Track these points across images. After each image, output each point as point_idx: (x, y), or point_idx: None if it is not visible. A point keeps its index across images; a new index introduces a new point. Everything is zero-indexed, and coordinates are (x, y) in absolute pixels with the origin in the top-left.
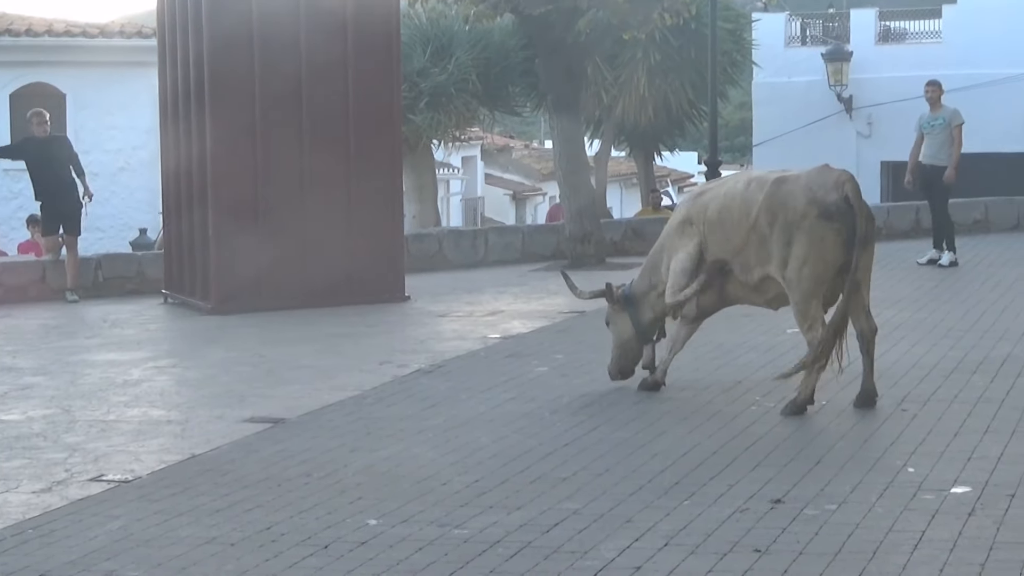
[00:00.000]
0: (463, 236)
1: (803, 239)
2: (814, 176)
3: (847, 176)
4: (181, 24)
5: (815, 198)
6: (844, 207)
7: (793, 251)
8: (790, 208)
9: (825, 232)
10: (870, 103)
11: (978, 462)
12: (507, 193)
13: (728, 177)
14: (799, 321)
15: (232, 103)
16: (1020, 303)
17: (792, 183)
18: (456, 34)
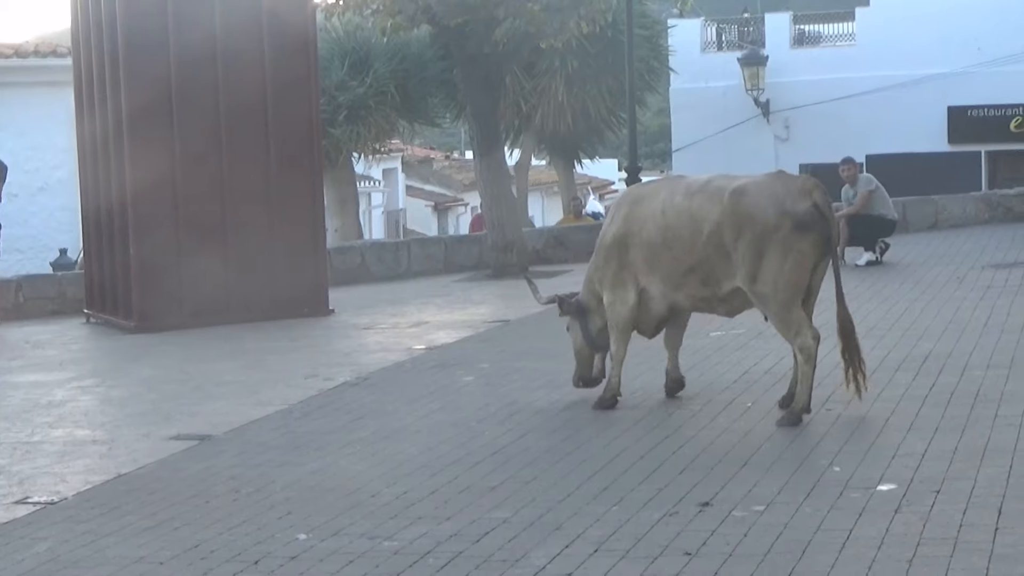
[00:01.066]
0: (386, 248)
1: (778, 251)
2: (776, 184)
3: (813, 182)
4: (96, 42)
5: (786, 209)
6: (817, 216)
7: (766, 264)
8: (758, 221)
9: (801, 243)
10: (787, 106)
11: (903, 459)
12: (429, 204)
13: (665, 183)
14: (783, 331)
15: (150, 120)
16: (940, 301)
17: (754, 194)
18: (374, 46)
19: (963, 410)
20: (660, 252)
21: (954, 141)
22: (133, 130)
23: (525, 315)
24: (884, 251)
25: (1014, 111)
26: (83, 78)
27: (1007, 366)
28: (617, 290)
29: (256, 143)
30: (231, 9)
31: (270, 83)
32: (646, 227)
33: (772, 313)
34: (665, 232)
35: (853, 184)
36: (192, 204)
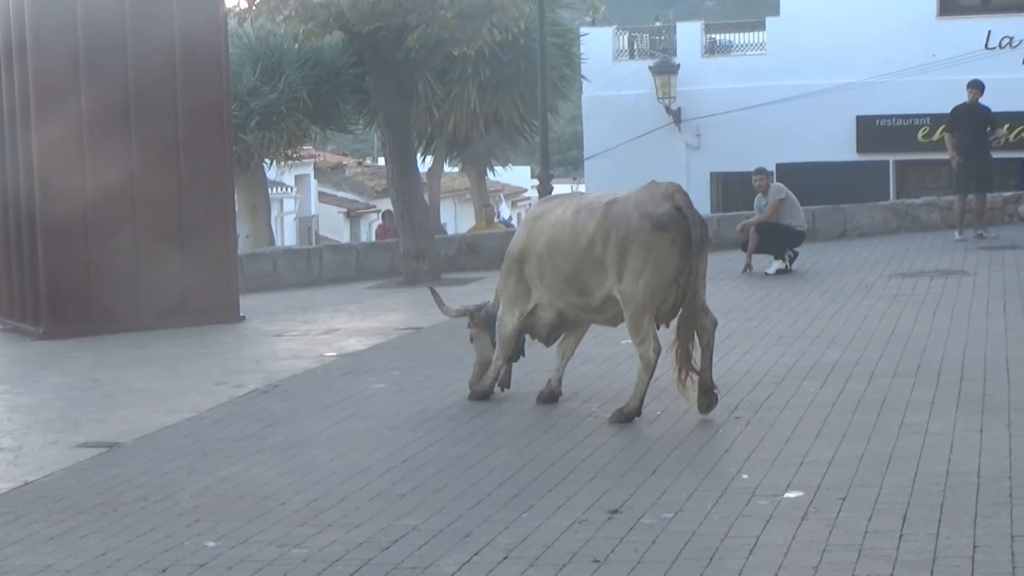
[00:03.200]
0: (297, 255)
1: (638, 252)
2: (643, 193)
3: (675, 187)
4: (4, 44)
5: (647, 212)
6: (676, 215)
7: (628, 264)
8: (622, 225)
9: (660, 242)
10: (698, 115)
11: (810, 467)
12: (341, 211)
13: (567, 200)
14: (632, 334)
15: (59, 124)
16: (848, 310)
17: (623, 203)
18: (286, 52)
19: (870, 418)
20: (546, 262)
21: (863, 150)
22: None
23: (437, 322)
24: (793, 259)
25: (921, 121)
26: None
27: (913, 374)
28: (510, 304)
29: (166, 148)
30: (141, 12)
31: (180, 88)
32: (540, 240)
33: (629, 315)
34: (550, 244)
35: (765, 193)
36: (101, 210)
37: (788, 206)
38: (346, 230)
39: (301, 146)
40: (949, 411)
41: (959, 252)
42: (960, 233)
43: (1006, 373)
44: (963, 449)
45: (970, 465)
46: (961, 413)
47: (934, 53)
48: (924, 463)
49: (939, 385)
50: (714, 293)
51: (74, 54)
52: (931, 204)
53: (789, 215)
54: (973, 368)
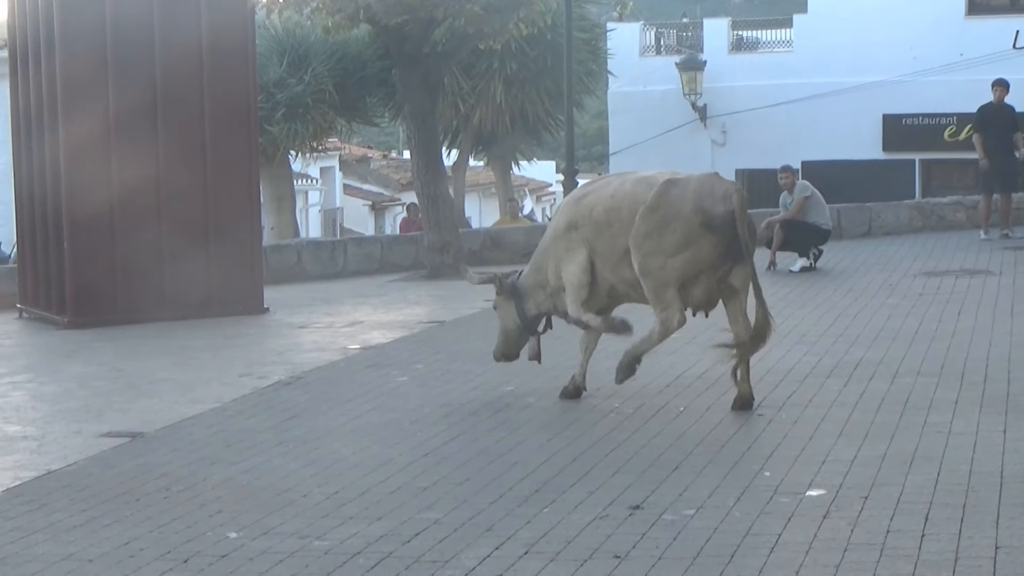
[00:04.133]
0: (322, 247)
1: (677, 239)
2: (703, 183)
3: (736, 188)
4: (33, 36)
5: (702, 207)
6: (728, 220)
7: (663, 243)
8: (674, 208)
9: (702, 240)
10: (724, 112)
11: (832, 465)
12: (366, 204)
13: (612, 177)
14: (655, 304)
15: (86, 116)
16: (872, 308)
17: (682, 187)
18: (312, 45)
19: (893, 417)
20: (603, 232)
21: (889, 149)
22: (68, 126)
23: (460, 316)
24: (818, 257)
25: (948, 120)
26: (19, 72)
27: (937, 374)
28: (570, 254)
29: (193, 139)
30: (169, 4)
31: (207, 79)
32: (596, 209)
33: (648, 286)
34: (609, 213)
35: (791, 191)
36: (128, 200)
37: (813, 204)
38: (371, 223)
39: (326, 138)
40: (973, 411)
41: (984, 252)
42: (986, 233)
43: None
44: (986, 449)
45: (993, 465)
46: (985, 413)
47: (961, 52)
48: (947, 463)
49: (963, 385)
50: None
51: (101, 48)
52: (957, 203)
53: (814, 213)
54: (997, 368)
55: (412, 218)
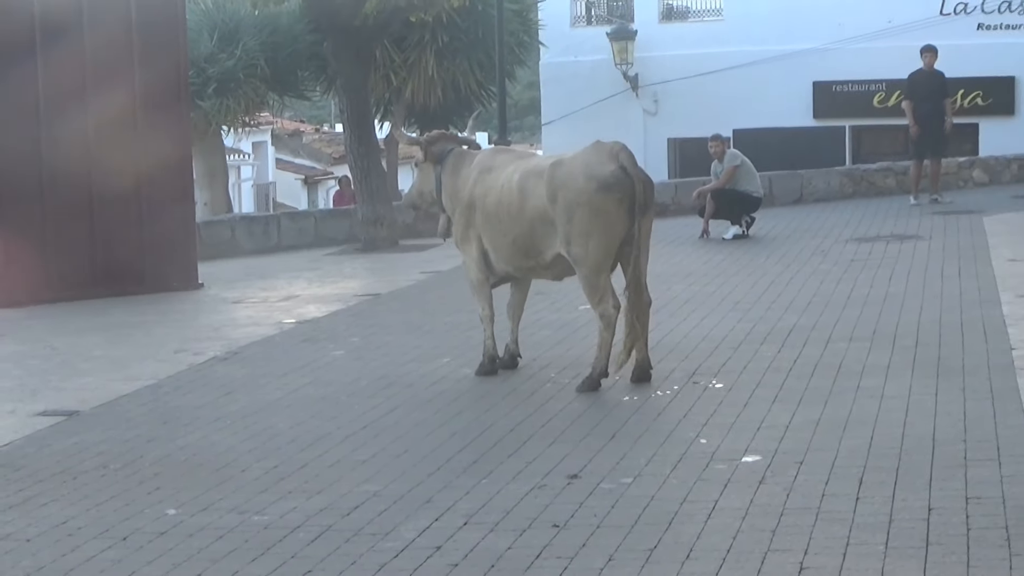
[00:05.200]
0: (255, 222)
1: (585, 213)
2: (588, 153)
3: (620, 146)
4: None
5: (592, 173)
6: (621, 175)
7: (576, 228)
8: (570, 187)
9: (606, 203)
10: (656, 81)
11: (767, 431)
12: (299, 178)
13: (509, 160)
14: (589, 295)
15: (14, 91)
16: (804, 274)
17: (568, 164)
18: (243, 19)
19: (826, 382)
20: (493, 224)
21: (819, 116)
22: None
23: (395, 288)
24: (750, 225)
25: (877, 87)
26: None
27: (869, 338)
28: (465, 246)
29: (124, 115)
30: None
31: (137, 54)
32: (488, 198)
33: (583, 276)
34: (498, 206)
35: (721, 159)
36: (58, 176)
37: (744, 172)
38: (304, 197)
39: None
40: (905, 375)
41: (914, 217)
42: (915, 198)
43: (961, 336)
44: (919, 412)
45: (925, 428)
46: (917, 377)
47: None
48: (880, 427)
49: (895, 349)
50: (671, 258)
51: (29, 23)
52: (887, 169)
53: (745, 181)
54: (928, 332)
55: (345, 191)
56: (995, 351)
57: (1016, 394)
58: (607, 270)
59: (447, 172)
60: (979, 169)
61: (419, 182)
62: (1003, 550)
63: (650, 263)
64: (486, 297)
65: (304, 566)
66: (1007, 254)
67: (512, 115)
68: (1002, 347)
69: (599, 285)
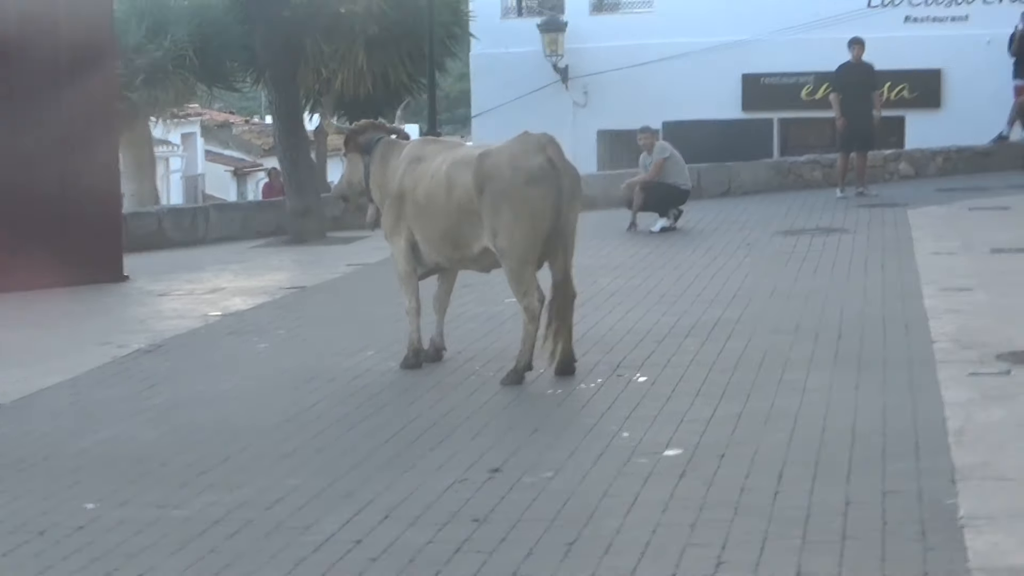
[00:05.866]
0: (183, 214)
1: (511, 206)
2: (515, 145)
3: (548, 138)
4: None
5: (519, 165)
6: (548, 168)
7: (502, 220)
8: (496, 179)
9: (532, 196)
10: (586, 73)
11: (689, 424)
12: (228, 169)
13: (439, 150)
14: (514, 288)
15: None
16: (730, 268)
17: (495, 156)
18: (172, 9)
19: (749, 375)
20: (422, 215)
21: (748, 108)
22: None
23: (322, 281)
24: (678, 217)
25: (805, 79)
26: None
27: (792, 332)
28: (394, 238)
29: (49, 104)
30: None
31: (64, 44)
32: (417, 188)
33: (508, 268)
34: (427, 197)
35: (650, 152)
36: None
37: (672, 164)
38: (233, 189)
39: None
40: (826, 368)
41: (840, 210)
42: (842, 191)
43: (882, 330)
44: (839, 406)
45: (845, 422)
46: (838, 370)
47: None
48: (801, 420)
49: (817, 343)
50: (599, 251)
51: None
52: (814, 162)
53: (674, 174)
54: (851, 326)
55: (274, 183)
56: (916, 345)
57: (936, 388)
58: (533, 263)
59: (375, 162)
60: (905, 162)
61: (347, 173)
62: (918, 544)
63: (577, 256)
64: (413, 290)
65: (223, 560)
66: (930, 247)
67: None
68: (923, 340)
69: (524, 278)
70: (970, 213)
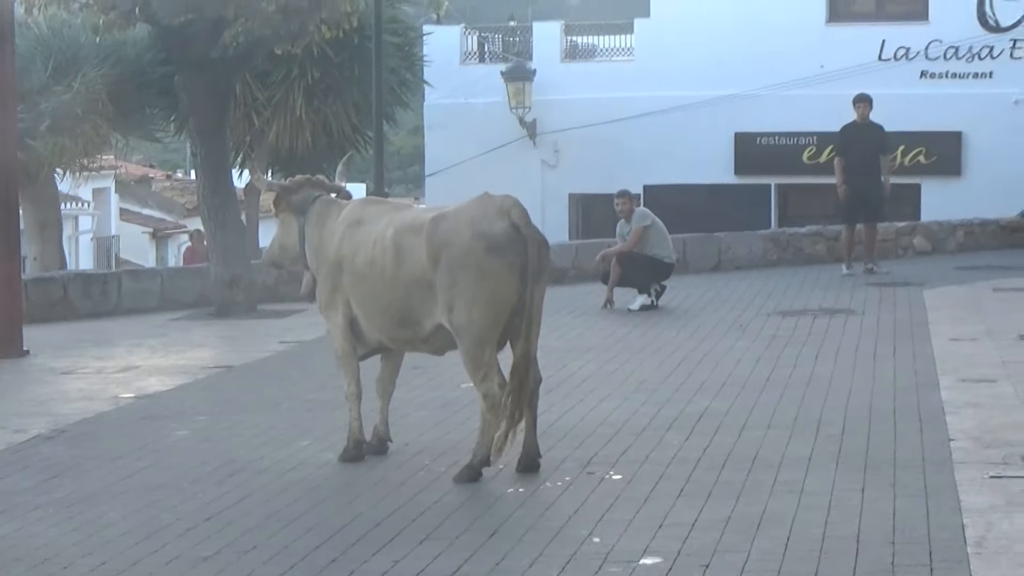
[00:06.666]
0: (92, 280)
1: (471, 278)
2: (474, 207)
3: (512, 201)
4: None
5: (480, 231)
6: (513, 234)
7: (460, 293)
8: (453, 245)
9: (496, 267)
10: (557, 128)
11: (670, 529)
12: (146, 231)
13: (382, 212)
14: (471, 371)
15: None
16: (720, 352)
17: (452, 219)
18: (83, 46)
19: (739, 475)
20: (363, 286)
21: (741, 172)
22: None
23: (251, 360)
24: (660, 294)
25: (807, 140)
26: None
27: (789, 426)
28: (331, 314)
29: None
30: None
31: None
32: (358, 256)
33: (464, 349)
34: (371, 266)
35: (629, 219)
36: None
37: (654, 234)
38: (152, 253)
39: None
40: (828, 468)
41: (846, 288)
42: (848, 267)
43: (893, 425)
44: (842, 511)
45: (849, 529)
46: (841, 470)
47: (822, 64)
48: (798, 526)
49: (818, 438)
50: (570, 331)
51: None
52: (816, 234)
53: (655, 244)
54: (857, 420)
55: (197, 248)
56: (931, 442)
57: (953, 491)
58: (493, 343)
59: (311, 223)
60: (920, 236)
61: (280, 235)
62: None
63: (543, 336)
64: (353, 372)
65: None
66: (948, 332)
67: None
68: (939, 438)
69: (483, 360)
70: (994, 295)
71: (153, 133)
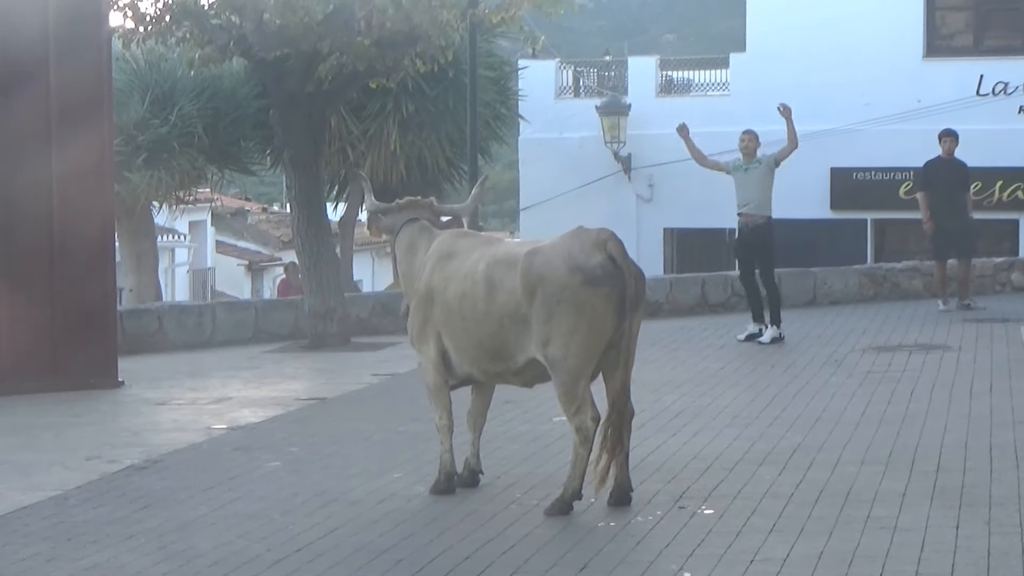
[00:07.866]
0: (187, 312)
1: (568, 311)
2: (570, 241)
3: (608, 234)
4: None
5: (577, 264)
6: (610, 268)
7: (556, 327)
8: (549, 280)
9: (593, 300)
10: (651, 162)
11: (761, 565)
12: (242, 263)
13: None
14: (565, 404)
15: None
16: (813, 387)
17: (548, 253)
18: (179, 80)
19: (832, 510)
20: (455, 320)
21: (837, 207)
22: None
23: (344, 392)
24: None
25: (904, 175)
26: None
27: (884, 462)
28: (421, 345)
29: (38, 185)
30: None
31: (55, 116)
32: (450, 288)
33: (560, 382)
34: (462, 300)
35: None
36: None
37: None
38: (247, 285)
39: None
40: (923, 504)
41: (943, 324)
42: (944, 303)
43: (989, 463)
44: (936, 548)
45: (943, 566)
46: (936, 507)
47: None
48: (891, 563)
49: (912, 475)
50: (665, 365)
51: None
52: (913, 269)
53: None
54: (952, 456)
55: (292, 280)
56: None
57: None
58: (587, 376)
59: (401, 249)
60: (1018, 271)
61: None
62: None
63: (636, 369)
64: (444, 404)
65: None
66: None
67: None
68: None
69: (577, 393)
70: None
71: (248, 166)
